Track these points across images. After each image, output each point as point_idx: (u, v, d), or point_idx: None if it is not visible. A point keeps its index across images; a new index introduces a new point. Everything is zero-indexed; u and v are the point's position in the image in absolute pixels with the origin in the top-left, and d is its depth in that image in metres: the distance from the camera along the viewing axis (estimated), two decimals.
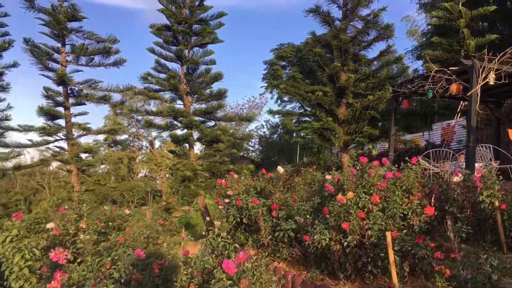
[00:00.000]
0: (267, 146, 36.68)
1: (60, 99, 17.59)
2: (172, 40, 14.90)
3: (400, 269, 4.95)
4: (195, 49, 15.24)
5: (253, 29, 77.07)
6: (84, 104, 18.34)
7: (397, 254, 4.89)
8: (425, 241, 4.97)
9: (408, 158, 6.38)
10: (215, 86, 15.07)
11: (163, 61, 15.04)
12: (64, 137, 17.65)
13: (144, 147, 39.05)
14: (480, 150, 10.11)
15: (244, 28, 75.01)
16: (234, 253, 4.11)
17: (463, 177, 6.37)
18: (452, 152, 10.68)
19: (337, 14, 12.34)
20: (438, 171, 9.13)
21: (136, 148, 38.68)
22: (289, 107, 30.38)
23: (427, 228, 5.79)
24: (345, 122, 11.75)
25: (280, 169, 8.98)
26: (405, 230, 5.35)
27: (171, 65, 15.15)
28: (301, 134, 20.77)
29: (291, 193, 8.12)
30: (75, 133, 18.06)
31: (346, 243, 5.23)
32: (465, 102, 13.94)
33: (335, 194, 5.68)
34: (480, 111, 10.37)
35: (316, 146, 19.91)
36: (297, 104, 28.72)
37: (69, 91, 17.84)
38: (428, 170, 9.30)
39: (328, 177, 6.69)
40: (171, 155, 17.47)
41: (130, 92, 18.45)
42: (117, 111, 28.75)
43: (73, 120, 17.96)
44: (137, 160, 37.09)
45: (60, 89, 17.62)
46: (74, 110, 18.15)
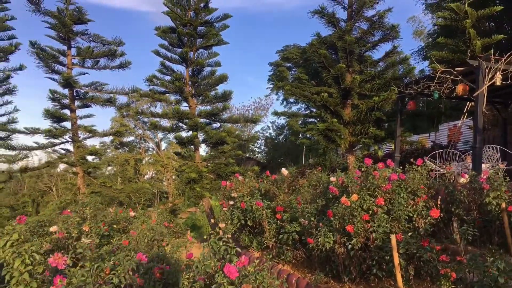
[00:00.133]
0: (273, 148, 36.70)
1: (66, 102, 17.73)
2: (177, 42, 14.93)
3: (405, 272, 4.91)
4: (200, 51, 15.28)
5: (259, 31, 77.16)
6: (90, 107, 18.51)
7: (402, 257, 4.85)
8: (431, 244, 4.92)
9: (414, 159, 6.32)
10: (220, 88, 15.18)
11: (168, 63, 15.12)
12: (70, 140, 17.77)
13: (151, 149, 39.25)
14: (487, 151, 10.00)
15: (250, 30, 75.11)
16: (236, 257, 4.07)
17: (470, 179, 6.30)
18: (459, 153, 10.58)
19: (342, 15, 12.32)
20: (444, 172, 9.04)
21: (143, 150, 38.86)
22: (295, 109, 30.36)
23: (433, 230, 5.72)
24: (351, 123, 11.68)
25: (284, 171, 8.96)
26: (410, 233, 5.30)
27: (176, 67, 15.25)
28: (307, 136, 20.69)
29: (296, 195, 8.08)
30: (81, 135, 18.20)
31: (351, 246, 5.18)
32: (472, 103, 13.83)
33: (340, 196, 5.65)
34: (487, 112, 10.26)
35: (322, 148, 19.84)
36: (303, 106, 28.68)
37: (75, 94, 17.98)
38: (434, 171, 9.22)
39: (333, 179, 6.65)
40: (177, 157, 17.51)
41: (136, 94, 18.57)
42: (124, 113, 28.93)
43: (79, 123, 18.13)
44: (144, 162, 37.20)
45: (66, 92, 17.77)
46: (80, 113, 18.37)
